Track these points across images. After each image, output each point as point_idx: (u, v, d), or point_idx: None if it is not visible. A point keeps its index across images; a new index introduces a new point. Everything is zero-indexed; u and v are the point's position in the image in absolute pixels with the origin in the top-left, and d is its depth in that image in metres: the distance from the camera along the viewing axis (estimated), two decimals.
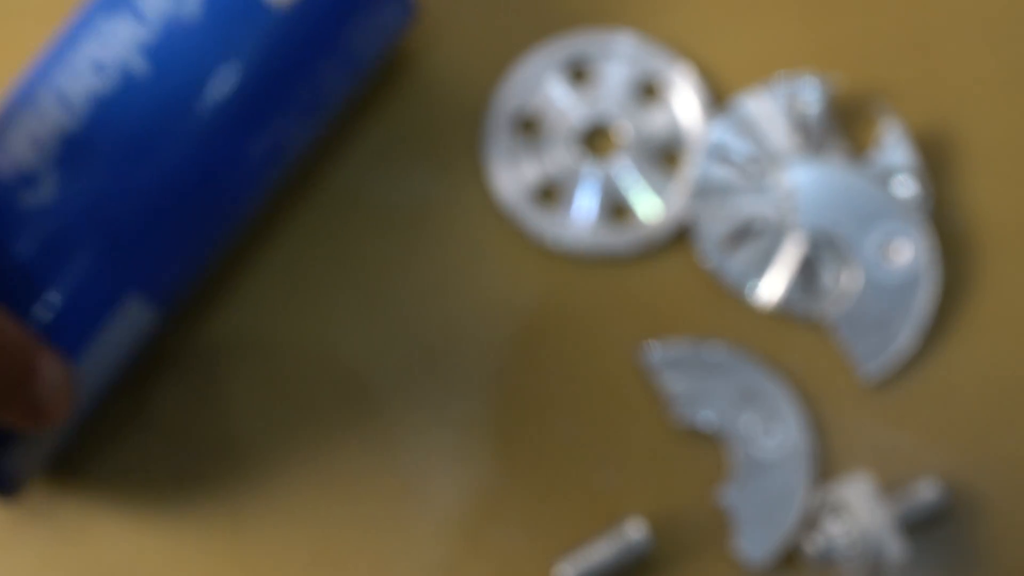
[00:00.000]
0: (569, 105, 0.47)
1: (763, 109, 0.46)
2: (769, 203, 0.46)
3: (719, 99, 0.47)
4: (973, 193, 0.46)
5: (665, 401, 0.45)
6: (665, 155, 0.47)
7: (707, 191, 0.46)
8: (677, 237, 0.46)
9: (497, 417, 0.45)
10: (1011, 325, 0.46)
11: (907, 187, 0.45)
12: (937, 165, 0.46)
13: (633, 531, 0.44)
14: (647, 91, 0.47)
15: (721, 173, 0.46)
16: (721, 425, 0.45)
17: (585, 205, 0.46)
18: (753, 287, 0.46)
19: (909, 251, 0.45)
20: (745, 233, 0.46)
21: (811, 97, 0.46)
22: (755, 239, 0.46)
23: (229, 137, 0.42)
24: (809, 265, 0.45)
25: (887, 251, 0.45)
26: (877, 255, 0.45)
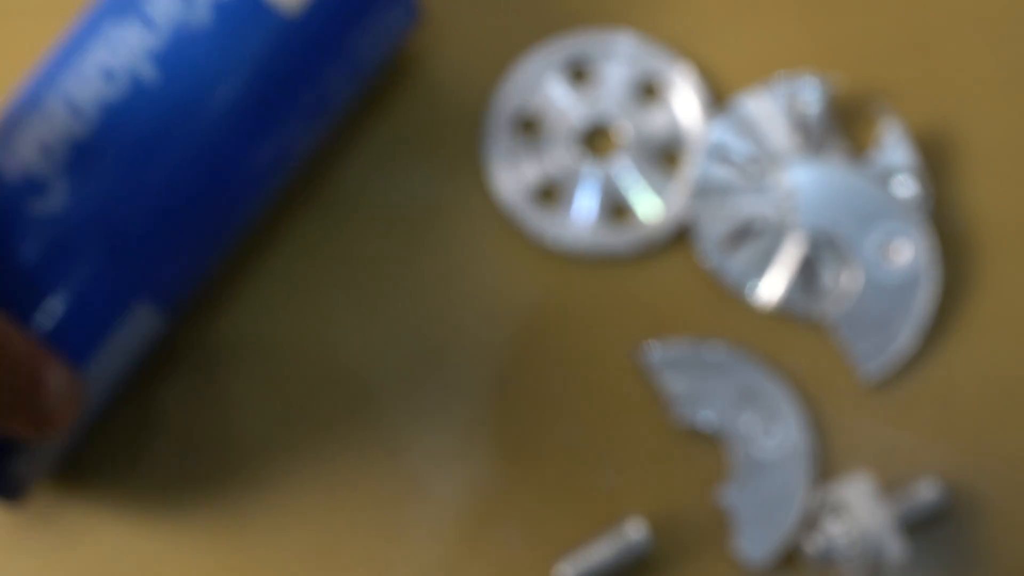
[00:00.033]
0: (569, 105, 0.47)
1: (763, 109, 0.46)
2: (769, 203, 0.46)
3: (719, 99, 0.47)
4: (973, 193, 0.46)
5: (665, 401, 0.45)
6: (665, 155, 0.47)
7: (707, 191, 0.46)
8: (677, 237, 0.46)
9: (497, 417, 0.45)
10: (1011, 325, 0.46)
11: (907, 187, 0.45)
12: (937, 165, 0.46)
13: (633, 531, 0.44)
14: (647, 91, 0.47)
15: (721, 173, 0.46)
16: (721, 425, 0.45)
17: (585, 205, 0.46)
18: (753, 287, 0.46)
19: (909, 251, 0.45)
20: (745, 233, 0.46)
21: (811, 97, 0.46)
22: (755, 239, 0.46)
23: (237, 143, 0.42)
24: (809, 265, 0.45)
25: (887, 251, 0.45)
26: (877, 255, 0.45)
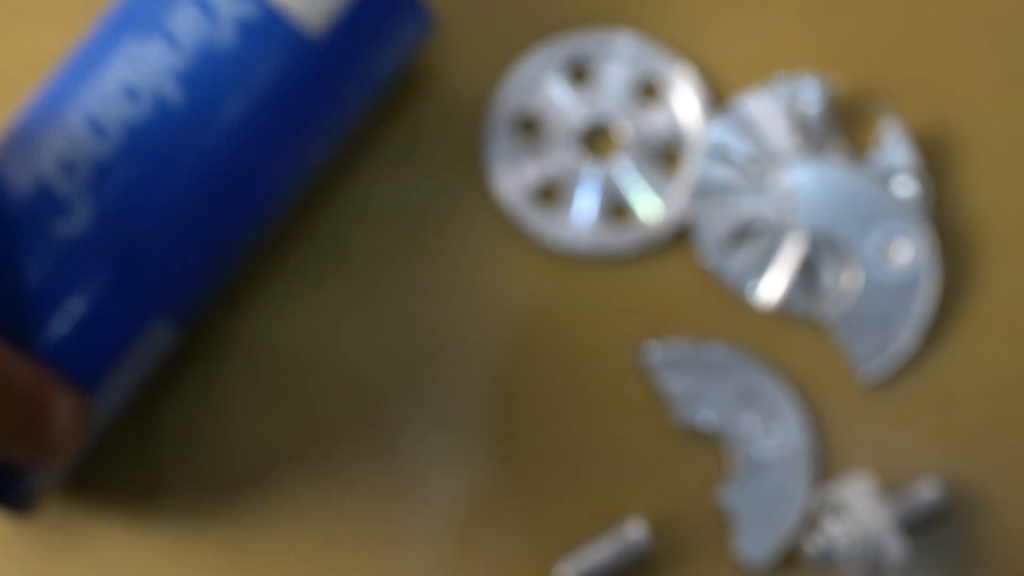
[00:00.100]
0: (569, 105, 0.47)
1: (763, 109, 0.46)
2: (769, 203, 0.46)
3: (719, 99, 0.47)
4: (973, 193, 0.46)
5: (665, 401, 0.45)
6: (665, 155, 0.47)
7: (707, 191, 0.46)
8: (677, 237, 0.46)
9: (497, 417, 0.45)
10: (1011, 325, 0.46)
11: (907, 187, 0.45)
12: (937, 165, 0.46)
13: (633, 531, 0.44)
14: (647, 91, 0.47)
15: (721, 173, 0.46)
16: (721, 425, 0.45)
17: (585, 205, 0.46)
18: (753, 287, 0.46)
19: (909, 251, 0.45)
20: (745, 233, 0.46)
21: (811, 97, 0.46)
22: (755, 239, 0.46)
23: (257, 161, 0.42)
24: (809, 265, 0.45)
25: (887, 251, 0.45)
26: (877, 255, 0.45)
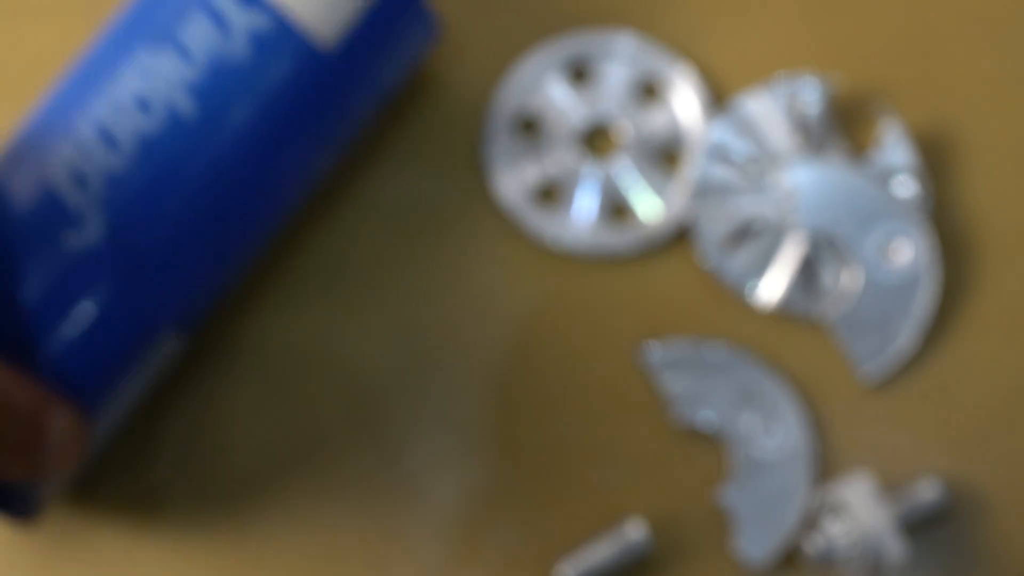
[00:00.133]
0: (569, 105, 0.47)
1: (763, 109, 0.46)
2: (769, 203, 0.46)
3: (719, 99, 0.47)
4: (973, 193, 0.46)
5: (665, 401, 0.45)
6: (665, 155, 0.47)
7: (707, 191, 0.46)
8: (677, 237, 0.46)
9: (497, 417, 0.45)
10: (1011, 325, 0.46)
11: (907, 187, 0.45)
12: (937, 165, 0.46)
13: (633, 531, 0.44)
14: (647, 91, 0.47)
15: (721, 173, 0.46)
16: (721, 425, 0.45)
17: (585, 205, 0.46)
18: (753, 287, 0.46)
19: (909, 251, 0.45)
20: (745, 233, 0.46)
21: (811, 97, 0.46)
22: (755, 239, 0.46)
23: (267, 173, 0.42)
24: (809, 265, 0.45)
25: (887, 251, 0.45)
26: (877, 255, 0.45)
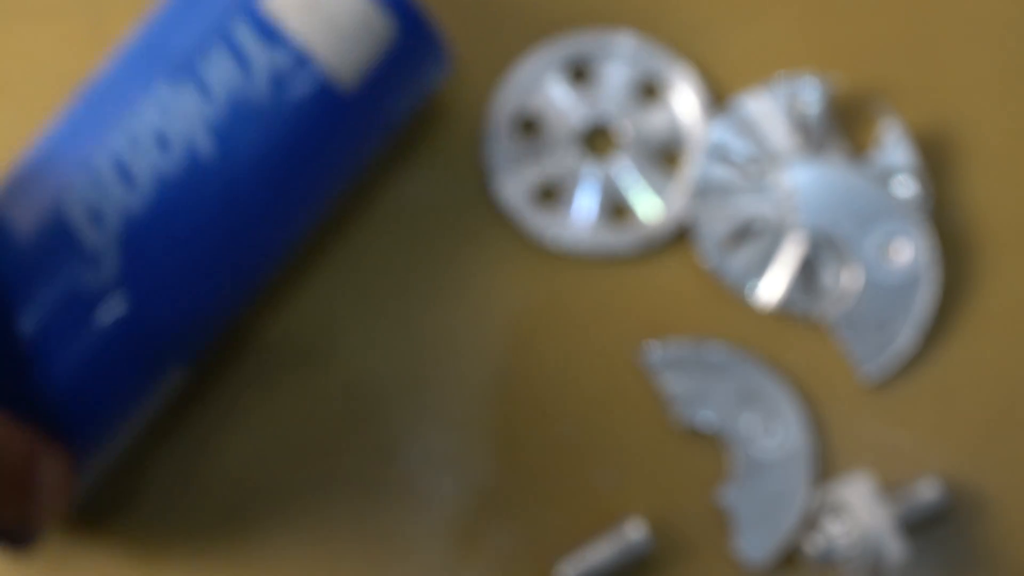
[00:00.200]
0: (569, 105, 0.47)
1: (763, 109, 0.46)
2: (769, 203, 0.46)
3: (719, 99, 0.47)
4: (973, 193, 0.46)
5: (665, 401, 0.45)
6: (665, 155, 0.47)
7: (707, 191, 0.46)
8: (677, 237, 0.46)
9: (497, 417, 0.45)
10: (1011, 325, 0.46)
11: (907, 187, 0.45)
12: (937, 165, 0.46)
13: (633, 531, 0.44)
14: (647, 91, 0.47)
15: (721, 173, 0.46)
16: (721, 425, 0.45)
17: (585, 205, 0.46)
18: (753, 287, 0.46)
19: (909, 251, 0.45)
20: (745, 233, 0.46)
21: (811, 97, 0.46)
22: (755, 239, 0.46)
23: (284, 210, 0.42)
24: (809, 265, 0.45)
25: (887, 251, 0.45)
26: (877, 255, 0.45)
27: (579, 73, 0.47)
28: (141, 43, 0.41)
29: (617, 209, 0.46)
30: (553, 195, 0.47)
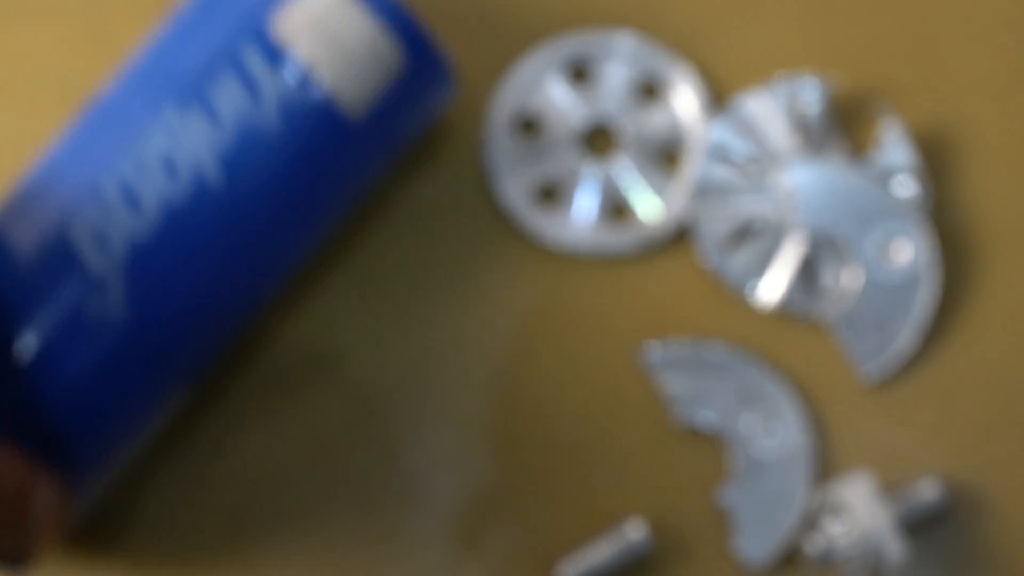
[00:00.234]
0: (569, 105, 0.47)
1: (763, 109, 0.46)
2: (769, 203, 0.46)
3: (719, 99, 0.47)
4: (973, 193, 0.46)
5: (665, 401, 0.45)
6: (665, 155, 0.47)
7: (707, 191, 0.46)
8: (677, 237, 0.46)
9: (497, 417, 0.45)
10: (1011, 325, 0.46)
11: (907, 187, 0.45)
12: (937, 165, 0.46)
13: (633, 531, 0.44)
14: (647, 91, 0.47)
15: (721, 173, 0.46)
16: (721, 425, 0.45)
17: (585, 205, 0.46)
18: (753, 287, 0.46)
19: (909, 251, 0.45)
20: (745, 233, 0.46)
21: (811, 97, 0.46)
22: (755, 239, 0.46)
23: (291, 237, 0.41)
24: (809, 265, 0.45)
25: (887, 251, 0.45)
26: (877, 255, 0.45)
27: (579, 73, 0.47)
28: (149, 63, 0.41)
29: (617, 209, 0.46)
30: (553, 195, 0.47)
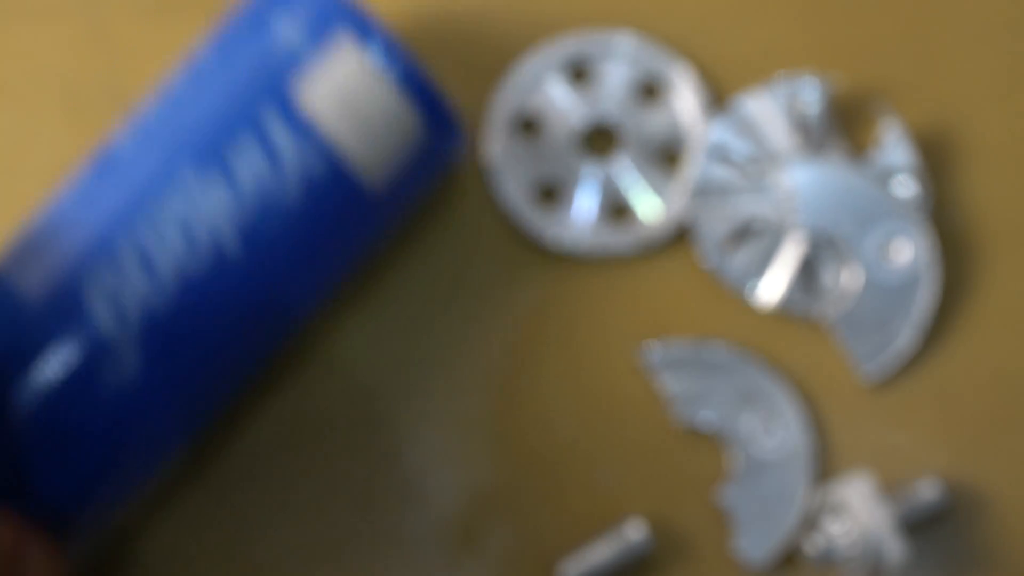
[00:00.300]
0: (569, 105, 0.47)
1: (763, 109, 0.46)
2: (769, 203, 0.46)
3: (719, 99, 0.47)
4: (973, 193, 0.46)
5: (665, 401, 0.45)
6: (665, 155, 0.47)
7: (707, 191, 0.46)
8: (677, 237, 0.46)
9: (497, 417, 0.45)
10: (1011, 325, 0.46)
11: (907, 187, 0.45)
12: (937, 165, 0.46)
13: (633, 531, 0.44)
14: (647, 91, 0.47)
15: (721, 173, 0.46)
16: (721, 425, 0.45)
17: (585, 205, 0.46)
18: (753, 287, 0.46)
19: (909, 251, 0.45)
20: (745, 233, 0.46)
21: (811, 97, 0.46)
22: (755, 239, 0.46)
23: (307, 302, 0.41)
24: (809, 265, 0.45)
25: (887, 251, 0.45)
26: (877, 255, 0.45)
27: (579, 73, 0.47)
28: (165, 113, 0.40)
29: (617, 209, 0.46)
30: (553, 195, 0.47)
